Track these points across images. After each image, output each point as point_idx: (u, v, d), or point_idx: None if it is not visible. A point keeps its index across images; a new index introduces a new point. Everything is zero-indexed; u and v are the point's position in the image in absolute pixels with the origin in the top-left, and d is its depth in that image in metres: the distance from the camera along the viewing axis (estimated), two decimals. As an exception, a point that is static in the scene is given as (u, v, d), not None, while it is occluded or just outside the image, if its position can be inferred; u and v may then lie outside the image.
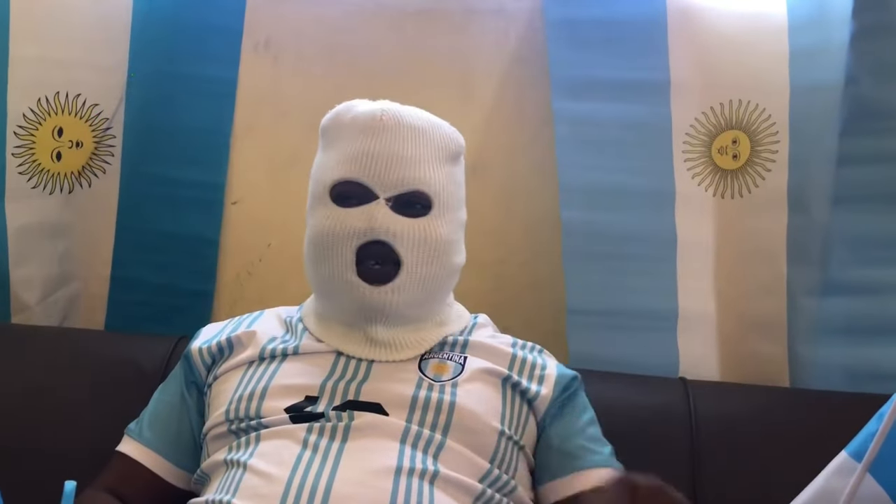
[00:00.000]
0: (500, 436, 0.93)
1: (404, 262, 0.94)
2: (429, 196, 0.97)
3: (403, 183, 0.96)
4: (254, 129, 1.44)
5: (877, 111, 1.18)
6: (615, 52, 1.30)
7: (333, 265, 0.95)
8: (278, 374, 0.96)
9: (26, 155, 1.35)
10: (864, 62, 1.16)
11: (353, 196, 0.96)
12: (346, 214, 0.95)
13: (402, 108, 1.01)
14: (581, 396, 1.03)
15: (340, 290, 0.96)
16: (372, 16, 1.42)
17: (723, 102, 1.31)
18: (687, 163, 1.32)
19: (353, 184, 0.96)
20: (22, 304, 1.38)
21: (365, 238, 0.94)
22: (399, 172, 0.95)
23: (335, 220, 0.95)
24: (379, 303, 0.94)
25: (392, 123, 0.97)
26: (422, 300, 0.98)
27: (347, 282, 0.95)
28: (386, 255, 0.94)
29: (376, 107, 1.00)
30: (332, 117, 1.03)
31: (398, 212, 0.95)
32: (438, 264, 0.97)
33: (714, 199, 1.32)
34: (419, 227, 0.96)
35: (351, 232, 0.94)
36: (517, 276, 1.41)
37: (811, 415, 1.17)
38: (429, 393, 0.93)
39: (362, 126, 0.98)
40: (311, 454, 0.86)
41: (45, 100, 1.34)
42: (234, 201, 1.45)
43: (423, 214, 0.97)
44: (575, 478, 0.95)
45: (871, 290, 1.22)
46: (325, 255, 0.96)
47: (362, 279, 0.94)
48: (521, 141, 1.41)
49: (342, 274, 0.95)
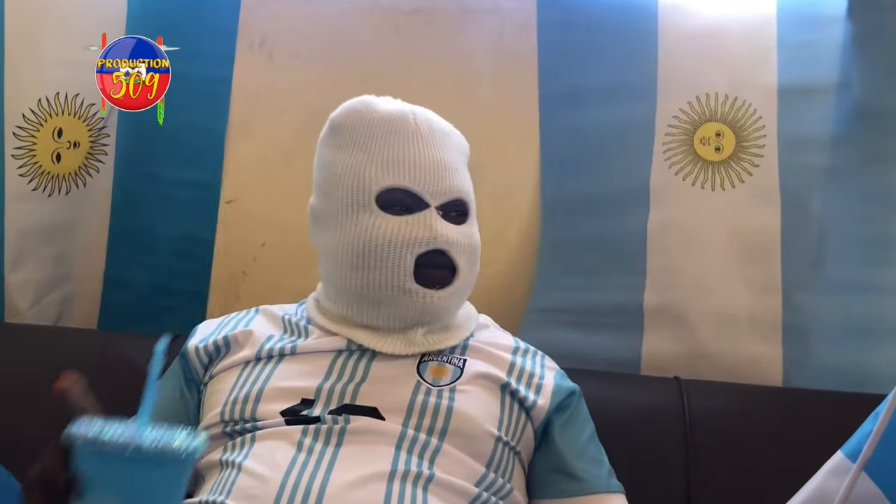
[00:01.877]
0: (496, 441, 0.92)
1: (459, 269, 0.96)
2: (466, 203, 0.99)
3: (450, 191, 0.97)
4: (248, 128, 1.44)
5: (870, 112, 1.18)
6: (605, 56, 1.31)
7: (389, 273, 0.94)
8: (274, 375, 0.95)
9: (27, 157, 1.34)
10: (858, 64, 1.17)
11: (400, 203, 0.95)
12: (403, 223, 0.94)
13: (424, 110, 1.01)
14: (581, 411, 1.02)
15: (393, 297, 0.95)
16: (367, 15, 1.42)
17: (708, 93, 1.31)
18: (666, 153, 1.32)
19: (403, 191, 0.95)
20: (15, 309, 1.38)
21: (427, 247, 0.94)
22: (446, 180, 0.96)
23: (390, 229, 0.94)
24: (434, 307, 0.95)
25: (426, 127, 0.98)
26: (461, 303, 1.02)
27: (403, 289, 0.94)
28: (444, 263, 0.95)
29: (402, 107, 1.00)
30: (349, 114, 1.01)
31: (448, 220, 0.96)
32: (475, 269, 1.01)
33: (693, 189, 1.33)
34: (466, 235, 0.98)
35: (411, 241, 0.94)
36: (508, 277, 1.41)
37: (804, 414, 1.18)
38: (426, 397, 0.92)
39: (397, 128, 0.97)
40: (305, 457, 0.86)
41: (46, 100, 1.34)
42: (228, 200, 1.44)
43: (464, 221, 0.99)
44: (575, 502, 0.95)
45: (864, 290, 1.22)
46: (378, 262, 0.94)
47: (421, 285, 0.94)
48: (514, 139, 1.41)
49: (399, 281, 0.94)
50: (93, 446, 0.57)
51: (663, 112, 1.32)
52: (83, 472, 0.58)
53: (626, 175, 1.32)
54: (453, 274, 0.96)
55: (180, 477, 0.61)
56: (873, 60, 1.17)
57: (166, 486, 0.59)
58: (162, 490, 0.59)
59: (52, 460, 0.62)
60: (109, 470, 0.58)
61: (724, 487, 1.12)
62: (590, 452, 0.98)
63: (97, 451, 0.57)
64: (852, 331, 1.23)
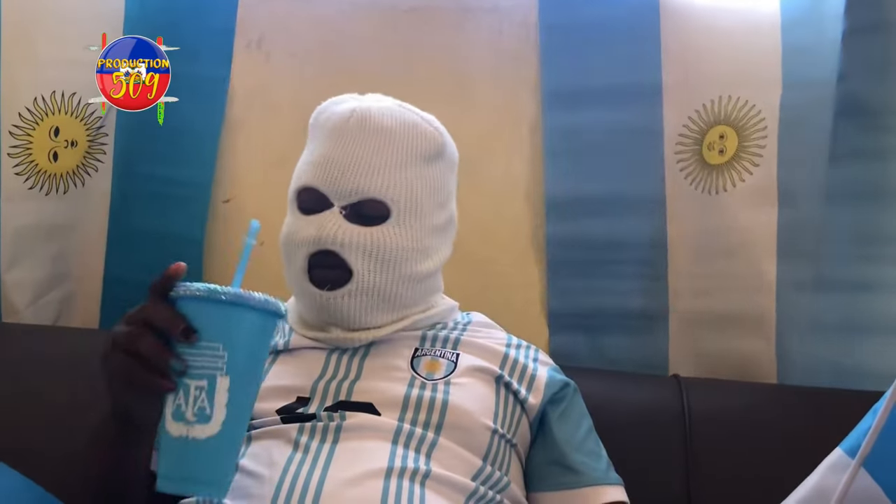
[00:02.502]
0: (492, 434, 0.92)
1: (354, 271, 0.95)
2: (386, 204, 0.96)
3: (357, 191, 0.95)
4: (246, 128, 1.44)
5: (868, 108, 1.18)
6: (608, 56, 1.31)
7: (292, 271, 0.98)
8: (269, 374, 0.96)
9: (23, 155, 1.34)
10: (855, 59, 1.17)
11: (309, 203, 0.97)
12: (304, 223, 0.97)
13: (375, 109, 0.98)
14: (578, 405, 1.02)
15: (301, 295, 0.99)
16: (365, 14, 1.42)
17: (713, 99, 1.31)
18: (680, 164, 1.32)
19: (312, 190, 0.97)
20: (13, 308, 1.38)
21: (315, 247, 0.95)
22: (353, 181, 0.95)
23: (293, 228, 0.98)
24: (332, 307, 0.95)
25: (357, 127, 0.97)
26: (380, 307, 0.97)
27: (302, 287, 0.97)
28: (336, 263, 0.95)
29: (350, 107, 0.99)
30: (315, 114, 1.04)
31: (352, 220, 0.95)
32: (393, 273, 0.96)
33: (702, 196, 1.33)
34: (371, 236, 0.95)
35: (303, 240, 0.96)
36: (506, 274, 1.41)
37: (803, 411, 1.18)
38: (421, 391, 0.92)
39: (330, 129, 0.98)
40: (301, 455, 0.86)
41: (42, 99, 1.34)
42: (225, 200, 1.44)
43: (379, 223, 0.96)
44: (574, 494, 0.95)
45: (860, 286, 1.22)
46: (287, 260, 0.99)
47: (313, 284, 0.96)
48: (513, 139, 1.40)
49: (299, 280, 0.97)
50: (196, 295, 0.66)
51: (671, 118, 1.31)
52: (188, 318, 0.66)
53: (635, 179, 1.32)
54: (350, 275, 0.95)
55: (271, 323, 0.69)
56: (871, 57, 1.17)
57: (261, 330, 0.68)
58: (257, 333, 0.68)
59: (156, 308, 0.68)
60: (212, 315, 0.66)
61: (724, 485, 1.12)
62: (588, 445, 0.99)
63: (200, 299, 0.66)
64: (848, 328, 1.23)
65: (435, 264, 1.01)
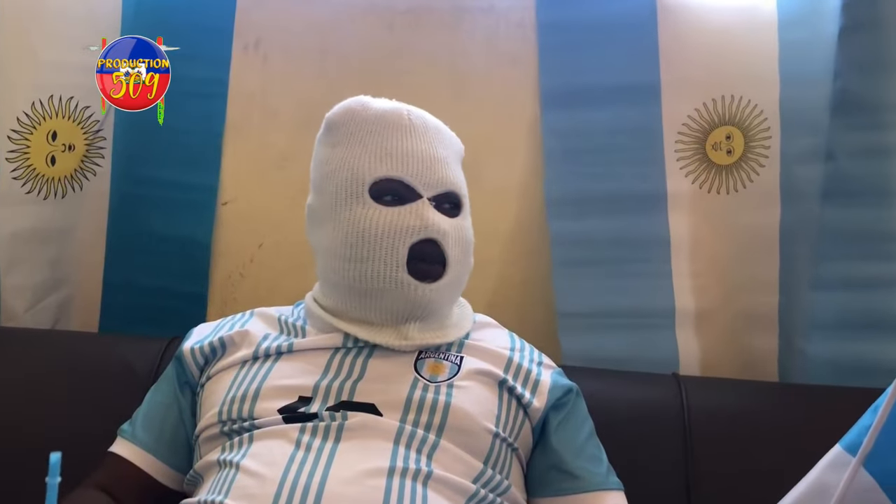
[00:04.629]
0: (494, 437, 0.92)
1: (450, 261, 0.96)
2: (459, 197, 1.00)
3: (443, 183, 0.97)
4: (244, 130, 1.44)
5: (864, 105, 1.18)
6: (606, 55, 1.31)
7: (381, 263, 0.94)
8: (272, 374, 0.96)
9: (21, 159, 1.34)
10: (851, 57, 1.17)
11: (393, 194, 0.95)
12: (396, 213, 0.94)
13: (418, 109, 1.02)
14: (579, 409, 1.03)
15: (386, 289, 0.94)
16: (362, 15, 1.42)
17: (715, 98, 1.31)
18: (680, 161, 1.32)
19: (396, 182, 0.96)
20: (11, 313, 1.38)
21: (419, 236, 0.94)
22: (439, 172, 0.97)
23: (384, 219, 0.94)
24: (426, 300, 0.95)
25: (420, 123, 0.99)
26: (453, 298, 1.01)
27: (396, 279, 0.94)
28: (436, 253, 0.95)
29: (395, 105, 1.01)
30: (344, 112, 1.01)
31: (440, 211, 0.97)
32: (468, 263, 1.01)
33: (709, 196, 1.33)
34: (458, 227, 0.98)
35: (404, 230, 0.93)
36: (508, 274, 1.41)
37: (803, 409, 1.17)
38: (424, 393, 0.92)
39: (391, 124, 0.98)
40: (303, 454, 0.86)
41: (40, 103, 1.34)
42: (224, 202, 1.44)
43: (457, 214, 0.99)
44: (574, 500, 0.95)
45: (860, 284, 1.22)
46: (371, 253, 0.94)
47: (413, 277, 0.94)
48: (512, 139, 1.40)
49: (391, 272, 0.93)
50: None
51: (670, 116, 1.31)
52: None
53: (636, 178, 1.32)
54: (444, 267, 0.96)
55: None
56: (869, 54, 1.17)
57: None
58: None
59: None
60: None
61: (723, 483, 1.12)
62: (588, 450, 0.99)
63: None
64: (850, 326, 1.23)
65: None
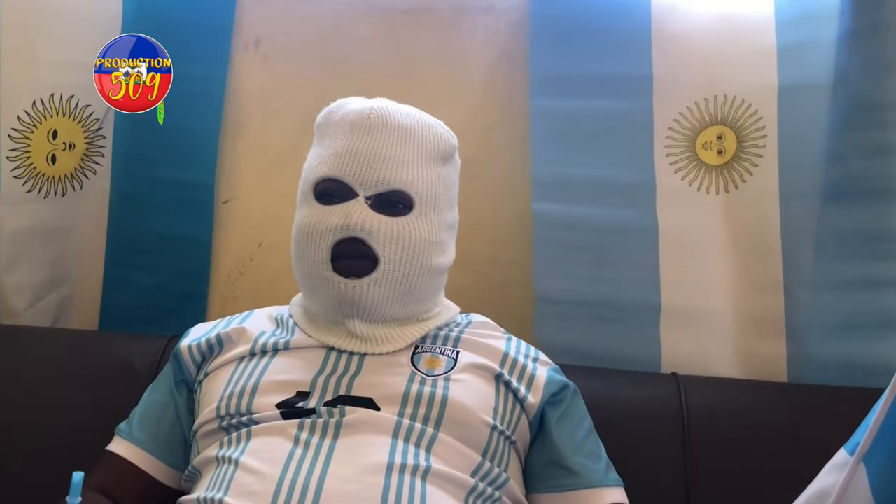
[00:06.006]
0: (491, 430, 0.93)
1: (381, 259, 0.96)
2: (410, 196, 0.98)
3: (384, 182, 0.97)
4: (244, 129, 1.44)
5: (868, 106, 1.18)
6: (597, 47, 1.31)
7: (312, 261, 0.97)
8: (269, 369, 0.96)
9: (21, 158, 1.34)
10: (855, 58, 1.17)
11: (335, 194, 0.98)
12: (326, 212, 0.97)
13: (393, 107, 1.02)
14: (578, 406, 1.03)
15: (319, 286, 0.98)
16: (362, 15, 1.42)
17: (707, 98, 1.31)
18: (669, 157, 1.32)
19: (335, 181, 0.98)
20: (11, 311, 1.38)
21: (341, 234, 0.95)
22: (381, 172, 0.97)
23: (315, 217, 0.97)
24: (354, 297, 0.95)
25: (380, 122, 0.99)
26: (400, 298, 0.98)
27: (323, 277, 0.96)
28: (362, 251, 0.96)
29: (367, 105, 1.01)
30: (324, 114, 1.05)
31: (378, 210, 0.96)
32: (416, 264, 0.98)
33: (699, 195, 1.32)
34: (397, 226, 0.97)
35: (328, 228, 0.96)
36: (506, 273, 1.41)
37: (803, 409, 1.17)
38: (421, 387, 0.93)
39: (350, 124, 0.99)
40: (302, 451, 0.86)
41: (41, 102, 1.34)
42: (224, 201, 1.44)
43: (404, 214, 0.98)
44: (573, 496, 0.95)
45: (865, 284, 1.22)
46: (305, 251, 0.98)
47: (337, 273, 0.95)
48: (510, 138, 1.40)
49: (319, 269, 0.97)
50: None
51: (661, 112, 1.31)
52: None
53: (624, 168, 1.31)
54: (375, 264, 0.96)
55: None
56: (871, 55, 1.17)
57: None
58: None
59: None
60: None
61: (722, 483, 1.12)
62: (587, 446, 0.99)
63: None
64: (855, 326, 1.23)
65: (447, 261, 1.04)
